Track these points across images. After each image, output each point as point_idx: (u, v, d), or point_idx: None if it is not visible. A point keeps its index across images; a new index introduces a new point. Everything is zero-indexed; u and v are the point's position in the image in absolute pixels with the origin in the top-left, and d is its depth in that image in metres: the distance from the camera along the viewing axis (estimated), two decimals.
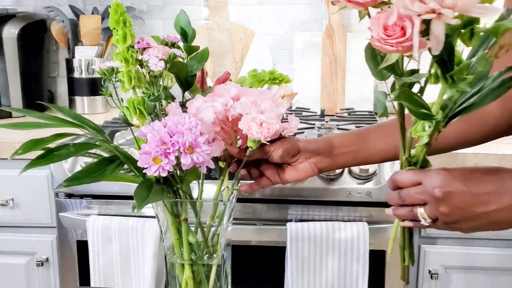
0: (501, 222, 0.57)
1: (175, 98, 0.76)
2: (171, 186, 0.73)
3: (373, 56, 0.61)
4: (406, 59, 0.59)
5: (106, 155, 0.70)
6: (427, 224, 0.62)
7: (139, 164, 0.65)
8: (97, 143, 0.69)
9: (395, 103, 0.61)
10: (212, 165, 0.70)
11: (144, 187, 0.67)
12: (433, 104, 0.59)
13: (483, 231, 0.59)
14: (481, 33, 0.53)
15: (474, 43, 0.54)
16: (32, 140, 0.65)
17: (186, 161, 0.65)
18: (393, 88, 0.60)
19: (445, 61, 0.56)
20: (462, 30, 0.53)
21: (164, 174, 0.65)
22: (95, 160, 0.68)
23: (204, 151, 0.66)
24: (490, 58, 0.53)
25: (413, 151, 0.64)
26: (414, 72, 0.59)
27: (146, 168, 0.65)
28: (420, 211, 0.61)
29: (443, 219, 0.59)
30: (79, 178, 0.65)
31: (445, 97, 0.58)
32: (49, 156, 0.65)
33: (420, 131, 0.60)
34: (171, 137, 0.65)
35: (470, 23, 0.52)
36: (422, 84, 0.61)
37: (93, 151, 0.69)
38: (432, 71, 0.58)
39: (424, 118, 0.58)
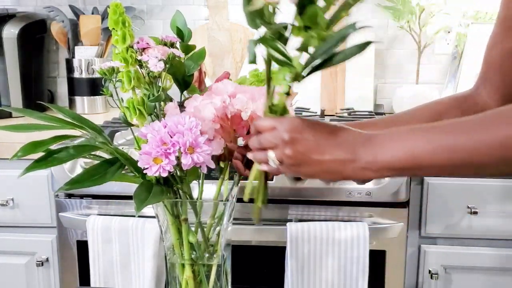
0: (332, 172, 0.62)
1: (173, 99, 0.76)
2: (171, 187, 0.73)
3: (249, 4, 0.64)
4: None
5: (106, 155, 0.70)
6: (275, 167, 0.66)
7: (139, 164, 0.65)
8: (97, 144, 0.69)
9: (265, 53, 0.64)
10: (212, 165, 0.70)
11: (143, 189, 0.67)
12: (295, 56, 0.63)
13: (319, 178, 0.64)
14: None
15: None
16: (32, 142, 0.65)
17: (186, 161, 0.65)
18: None
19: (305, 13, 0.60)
20: None
21: (164, 175, 0.65)
22: (95, 161, 0.68)
23: (204, 151, 0.66)
24: (343, 13, 0.59)
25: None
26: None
27: (147, 168, 0.65)
28: (270, 154, 0.65)
29: (287, 161, 0.64)
30: (79, 181, 0.65)
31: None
32: (49, 159, 0.65)
33: (281, 80, 0.65)
34: (171, 137, 0.65)
35: None
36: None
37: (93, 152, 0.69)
38: (296, 24, 0.62)
39: (282, 65, 0.63)
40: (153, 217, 0.81)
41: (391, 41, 1.96)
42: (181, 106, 0.76)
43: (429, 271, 1.40)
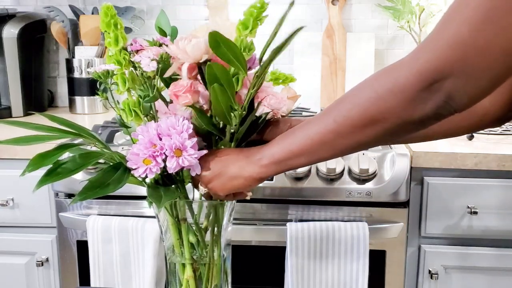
0: (235, 176, 0.72)
1: (164, 97, 0.76)
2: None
3: None
4: None
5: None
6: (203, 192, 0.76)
7: (128, 164, 0.65)
8: (102, 151, 0.69)
9: None
10: (198, 171, 0.70)
11: (154, 189, 0.68)
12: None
13: (230, 187, 0.73)
14: None
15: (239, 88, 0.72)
16: (39, 154, 0.67)
17: (171, 165, 0.65)
18: None
19: None
20: None
21: (151, 176, 0.65)
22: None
23: (191, 155, 0.66)
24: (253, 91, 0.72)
25: None
26: None
27: (135, 169, 0.65)
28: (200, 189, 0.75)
29: (203, 180, 0.73)
30: (91, 189, 0.65)
31: None
32: (58, 170, 0.66)
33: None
34: (160, 139, 0.65)
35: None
36: None
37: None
38: None
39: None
40: (153, 217, 0.81)
41: (391, 41, 1.96)
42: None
43: (429, 271, 1.40)
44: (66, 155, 0.68)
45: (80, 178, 1.33)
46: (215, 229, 0.76)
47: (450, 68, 0.56)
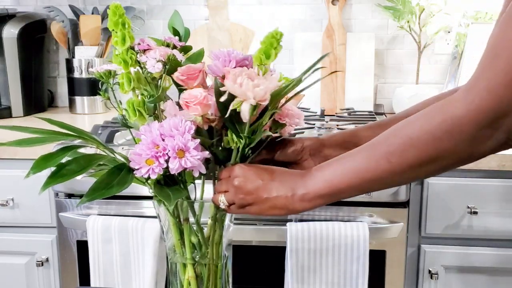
0: (278, 207, 0.72)
1: (171, 98, 0.76)
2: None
3: None
4: None
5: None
6: (224, 208, 0.74)
7: (130, 164, 0.65)
8: (105, 153, 0.69)
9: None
10: (203, 170, 0.70)
11: (161, 188, 0.68)
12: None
13: (267, 214, 0.72)
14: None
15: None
16: (42, 156, 0.67)
17: (173, 166, 0.65)
18: None
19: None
20: None
21: (153, 177, 0.65)
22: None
23: (194, 156, 0.66)
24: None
25: None
26: None
27: (137, 169, 0.65)
28: (221, 198, 0.73)
29: (239, 202, 0.72)
30: (97, 190, 0.65)
31: None
32: (62, 171, 0.66)
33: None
34: (163, 140, 0.65)
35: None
36: None
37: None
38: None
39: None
40: (153, 217, 0.81)
41: (391, 41, 1.96)
42: (179, 106, 0.76)
43: (429, 271, 1.40)
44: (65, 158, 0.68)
45: (80, 178, 1.34)
46: (217, 229, 0.76)
47: (507, 107, 0.57)
